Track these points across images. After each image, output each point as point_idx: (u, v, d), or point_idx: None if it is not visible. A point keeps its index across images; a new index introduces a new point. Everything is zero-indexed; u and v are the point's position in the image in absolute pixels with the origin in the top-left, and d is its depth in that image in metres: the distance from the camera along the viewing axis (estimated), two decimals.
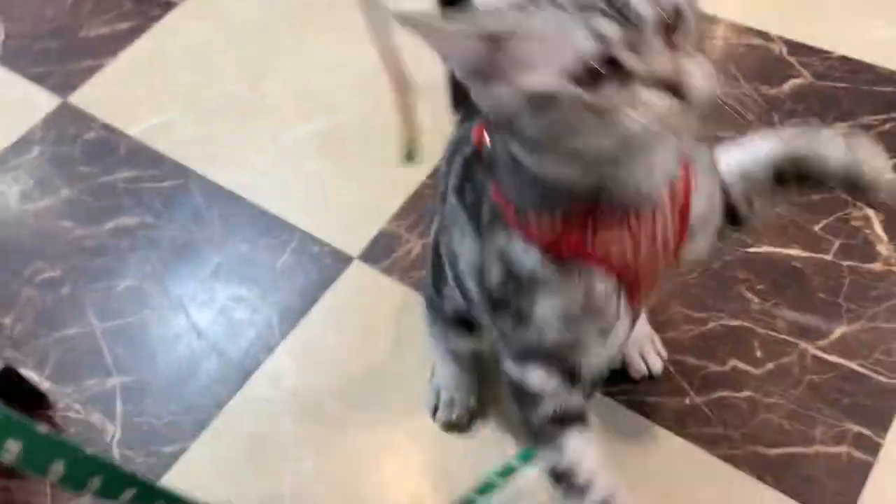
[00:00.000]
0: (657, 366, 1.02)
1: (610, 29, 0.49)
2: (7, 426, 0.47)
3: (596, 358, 0.68)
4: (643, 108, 0.50)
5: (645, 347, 1.01)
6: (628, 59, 0.50)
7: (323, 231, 1.23)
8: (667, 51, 0.51)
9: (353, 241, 1.21)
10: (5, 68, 1.55)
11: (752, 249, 1.11)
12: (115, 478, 0.53)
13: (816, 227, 1.12)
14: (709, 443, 0.96)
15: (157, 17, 1.59)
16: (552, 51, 0.51)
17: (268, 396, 1.08)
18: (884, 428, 0.95)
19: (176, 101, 1.45)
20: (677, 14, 0.51)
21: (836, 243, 1.11)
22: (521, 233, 0.63)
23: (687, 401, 1.00)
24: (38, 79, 1.52)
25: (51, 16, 1.64)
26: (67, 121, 1.44)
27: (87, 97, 1.48)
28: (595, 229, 0.61)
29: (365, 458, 1.01)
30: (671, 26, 0.51)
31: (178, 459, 1.03)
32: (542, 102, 0.51)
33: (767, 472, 0.93)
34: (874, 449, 0.94)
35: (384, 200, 1.25)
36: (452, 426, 1.01)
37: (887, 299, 1.05)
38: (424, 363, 1.05)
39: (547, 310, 0.64)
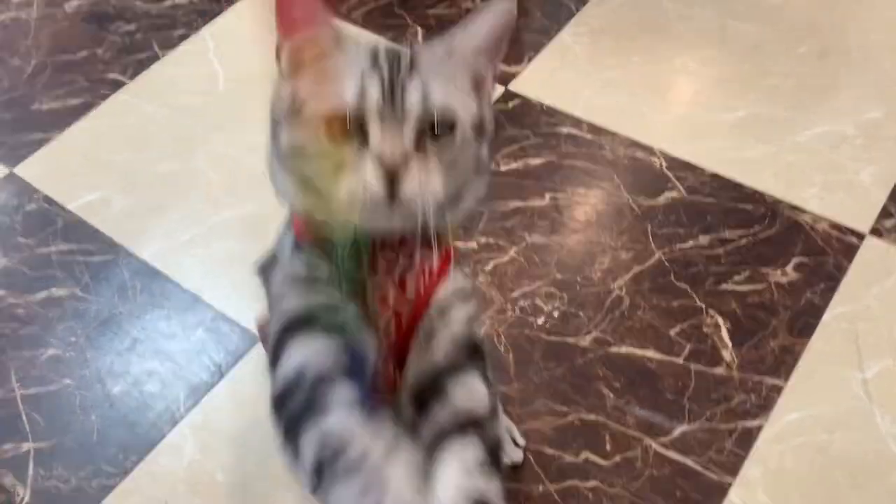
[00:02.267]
0: (517, 455, 1.14)
1: (374, 95, 0.57)
2: None
3: None
4: (356, 176, 0.57)
5: (503, 442, 1.13)
6: (373, 129, 0.57)
7: (234, 311, 1.35)
8: (411, 148, 0.57)
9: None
10: None
11: (613, 349, 1.25)
12: None
13: (672, 332, 1.26)
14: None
15: (106, 96, 1.71)
16: (329, 83, 0.59)
17: (169, 466, 1.18)
18: None
19: (113, 178, 1.56)
20: (448, 128, 0.59)
21: (688, 347, 1.24)
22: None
23: (541, 488, 1.12)
24: None
25: (6, 86, 1.76)
26: (12, 192, 1.55)
27: (33, 169, 1.59)
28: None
29: None
30: (433, 133, 0.58)
31: None
32: (297, 113, 0.60)
33: None
34: None
35: None
36: None
37: (725, 402, 1.18)
38: None
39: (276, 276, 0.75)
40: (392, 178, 0.56)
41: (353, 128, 0.57)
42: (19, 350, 1.33)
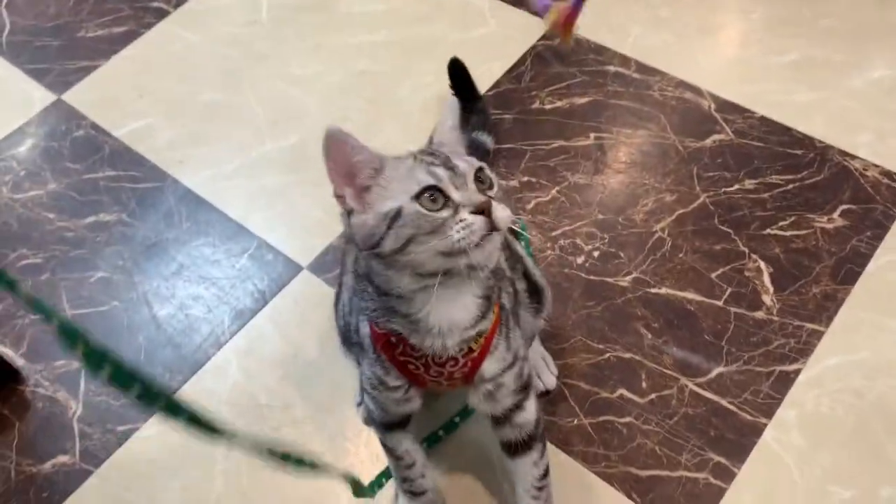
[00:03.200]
0: (551, 382, 1.16)
1: (441, 172, 0.75)
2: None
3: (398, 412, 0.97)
4: (462, 224, 0.73)
5: (539, 368, 1.15)
6: (453, 192, 0.75)
7: (278, 240, 1.37)
8: (479, 192, 0.76)
9: (305, 251, 1.35)
10: (7, 62, 1.68)
11: (653, 290, 1.25)
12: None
13: (713, 275, 1.26)
14: (589, 460, 1.10)
15: (151, 24, 1.72)
16: (404, 184, 0.75)
17: (212, 388, 1.22)
18: (741, 460, 1.09)
19: (159, 107, 1.58)
20: (483, 174, 0.77)
21: (728, 290, 1.24)
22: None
23: (575, 422, 1.14)
24: (37, 75, 1.65)
25: (53, 13, 1.77)
26: (60, 118, 1.58)
27: (80, 96, 1.61)
28: (401, 351, 0.86)
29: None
30: (482, 182, 0.77)
31: (130, 437, 1.18)
32: (396, 217, 0.74)
33: (635, 490, 1.07)
34: (730, 477, 1.08)
35: (336, 216, 1.38)
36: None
37: (764, 345, 1.18)
38: (354, 369, 1.19)
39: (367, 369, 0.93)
40: (484, 212, 0.74)
41: (439, 198, 0.74)
42: (69, 272, 1.37)
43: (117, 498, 1.12)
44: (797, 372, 1.15)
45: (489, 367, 0.89)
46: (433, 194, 0.74)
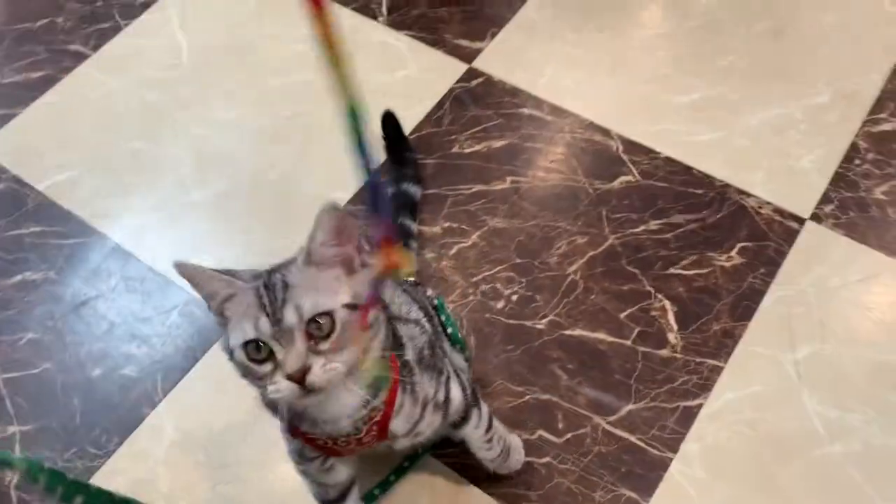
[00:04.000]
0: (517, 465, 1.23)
1: (265, 326, 0.75)
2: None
3: (330, 482, 1.02)
4: (274, 387, 0.76)
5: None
6: (276, 347, 0.75)
7: None
8: (303, 350, 0.75)
9: None
10: None
11: (567, 332, 1.33)
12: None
13: (622, 315, 1.35)
14: (510, 501, 1.19)
15: (69, 69, 1.71)
16: (239, 325, 0.76)
17: (148, 448, 1.26)
18: (649, 493, 1.18)
19: (81, 157, 1.59)
20: (326, 320, 0.75)
21: (636, 330, 1.33)
22: None
23: None
24: None
25: None
26: None
27: (0, 147, 1.60)
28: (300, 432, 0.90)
29: None
30: (321, 330, 0.75)
31: None
32: (231, 353, 0.78)
33: None
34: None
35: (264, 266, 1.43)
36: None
37: (669, 382, 1.28)
38: None
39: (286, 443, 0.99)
40: (300, 380, 0.74)
41: (266, 351, 0.75)
42: None
43: None
44: (699, 407, 1.26)
45: (397, 426, 0.91)
46: (258, 346, 0.75)
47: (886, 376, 1.27)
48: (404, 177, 1.45)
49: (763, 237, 1.42)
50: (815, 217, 1.43)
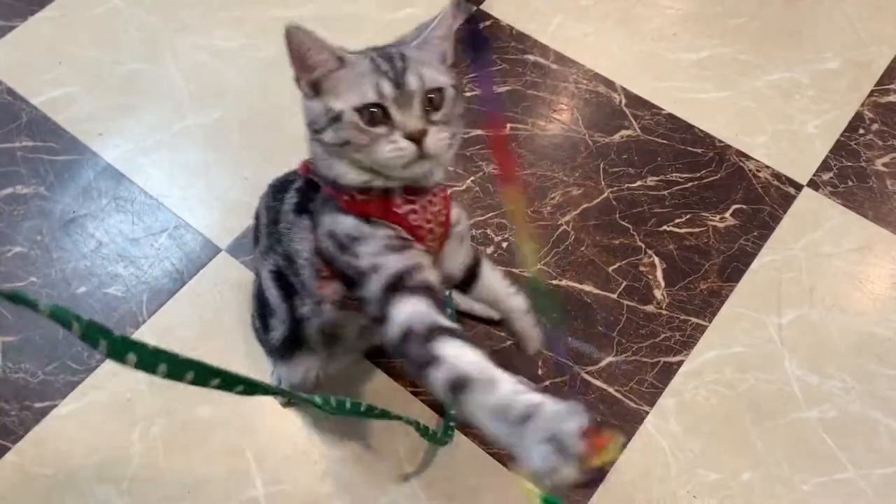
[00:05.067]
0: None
1: (387, 89, 0.79)
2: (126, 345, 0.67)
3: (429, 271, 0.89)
4: (394, 146, 0.79)
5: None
6: (394, 111, 0.79)
7: (197, 220, 1.40)
8: (421, 115, 0.80)
9: (224, 233, 1.38)
10: None
11: (554, 282, 1.33)
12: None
13: (611, 269, 1.34)
14: (487, 443, 1.19)
15: None
16: (352, 90, 0.80)
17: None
18: (623, 445, 1.19)
19: (78, 74, 1.56)
20: (437, 95, 0.80)
21: (623, 284, 1.33)
22: (343, 205, 0.87)
23: None
24: None
25: None
26: None
27: None
28: (394, 203, 0.87)
29: (204, 429, 1.21)
30: (433, 104, 0.80)
31: (48, 415, 1.22)
32: (336, 119, 0.80)
33: None
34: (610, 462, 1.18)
35: (256, 197, 1.41)
36: (289, 404, 1.22)
37: (651, 337, 1.28)
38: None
39: (366, 249, 0.85)
40: (417, 141, 0.79)
41: (380, 115, 0.79)
42: None
43: (35, 475, 1.17)
44: (679, 363, 1.26)
45: (453, 213, 0.96)
46: (374, 110, 0.78)
47: (870, 347, 1.28)
48: None
49: (759, 200, 1.41)
50: (813, 184, 1.42)
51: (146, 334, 1.28)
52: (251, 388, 0.80)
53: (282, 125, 1.49)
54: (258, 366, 1.23)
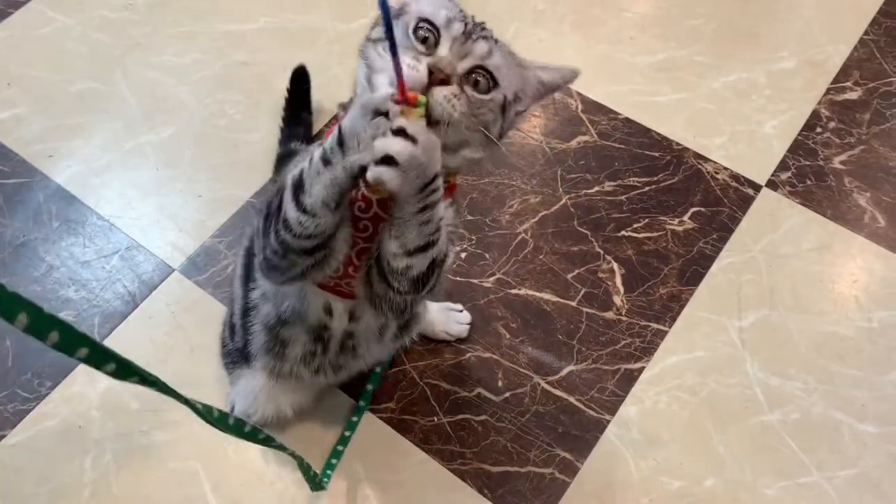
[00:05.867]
0: (460, 330, 1.26)
1: (456, 28, 0.76)
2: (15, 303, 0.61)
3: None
4: (414, 61, 0.73)
5: (448, 325, 1.25)
6: (442, 43, 0.76)
7: (150, 240, 1.37)
8: (458, 67, 0.76)
9: (176, 252, 1.36)
10: None
11: (513, 291, 1.31)
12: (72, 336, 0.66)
13: (569, 276, 1.33)
14: (446, 458, 1.18)
15: (19, 4, 1.65)
16: (431, 5, 0.78)
17: (83, 392, 1.23)
18: (584, 455, 1.18)
19: (28, 96, 1.54)
20: (487, 79, 0.77)
21: (582, 291, 1.31)
22: None
23: (435, 420, 1.21)
24: None
25: None
26: None
27: None
28: None
29: (158, 455, 1.18)
30: (478, 83, 0.77)
31: None
32: (399, 15, 0.78)
33: (486, 486, 1.15)
34: (573, 471, 1.17)
35: (210, 216, 1.40)
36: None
37: (612, 344, 1.27)
38: (224, 374, 1.22)
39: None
40: (432, 77, 0.73)
41: (431, 39, 0.76)
42: None
43: None
44: (640, 370, 1.24)
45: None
46: (430, 31, 0.76)
47: (831, 347, 1.27)
48: (294, 136, 1.43)
49: (717, 203, 1.40)
50: (771, 184, 1.41)
51: None
52: (126, 371, 0.71)
53: (236, 141, 1.47)
54: (209, 389, 1.21)
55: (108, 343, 1.26)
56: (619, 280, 1.32)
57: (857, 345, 1.27)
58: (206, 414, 0.84)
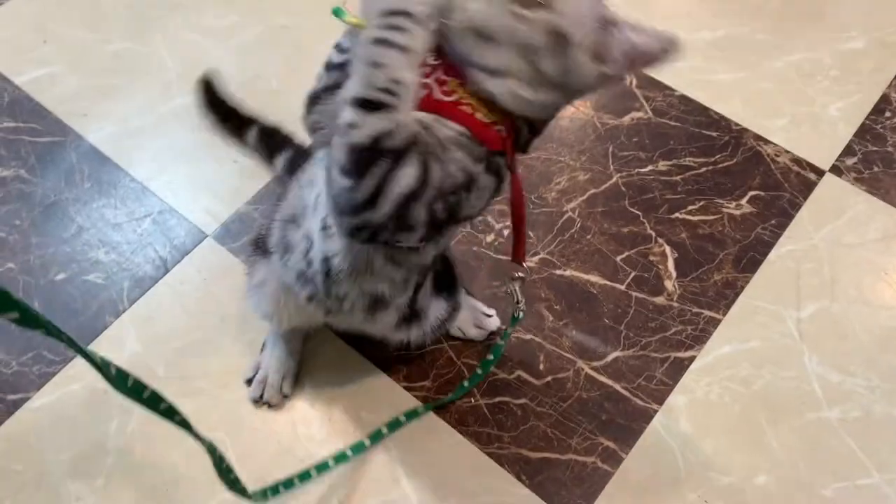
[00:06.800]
0: (477, 333, 1.20)
1: None
2: None
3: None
4: None
5: (465, 323, 1.19)
6: None
7: (183, 205, 1.33)
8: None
9: (210, 218, 1.31)
10: None
11: (558, 272, 1.25)
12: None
13: (619, 258, 1.26)
14: (482, 441, 1.12)
15: None
16: None
17: (109, 357, 1.19)
18: (629, 445, 1.11)
19: (64, 54, 1.50)
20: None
21: (632, 274, 1.25)
22: None
23: (472, 402, 1.15)
24: None
25: None
26: None
27: None
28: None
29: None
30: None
31: (20, 407, 1.15)
32: None
33: (524, 472, 1.10)
34: (617, 462, 1.10)
35: (245, 182, 1.35)
36: (260, 402, 1.14)
37: (661, 331, 1.20)
38: (255, 343, 1.18)
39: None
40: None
41: None
42: None
43: (5, 471, 1.11)
44: (691, 359, 1.18)
45: None
46: None
47: None
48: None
49: (777, 187, 1.32)
50: (836, 169, 1.33)
51: (126, 323, 1.22)
52: (34, 322, 0.70)
53: (274, 106, 1.42)
54: (237, 360, 1.17)
55: (138, 308, 1.23)
56: (671, 264, 1.26)
57: None
58: (105, 368, 0.78)
